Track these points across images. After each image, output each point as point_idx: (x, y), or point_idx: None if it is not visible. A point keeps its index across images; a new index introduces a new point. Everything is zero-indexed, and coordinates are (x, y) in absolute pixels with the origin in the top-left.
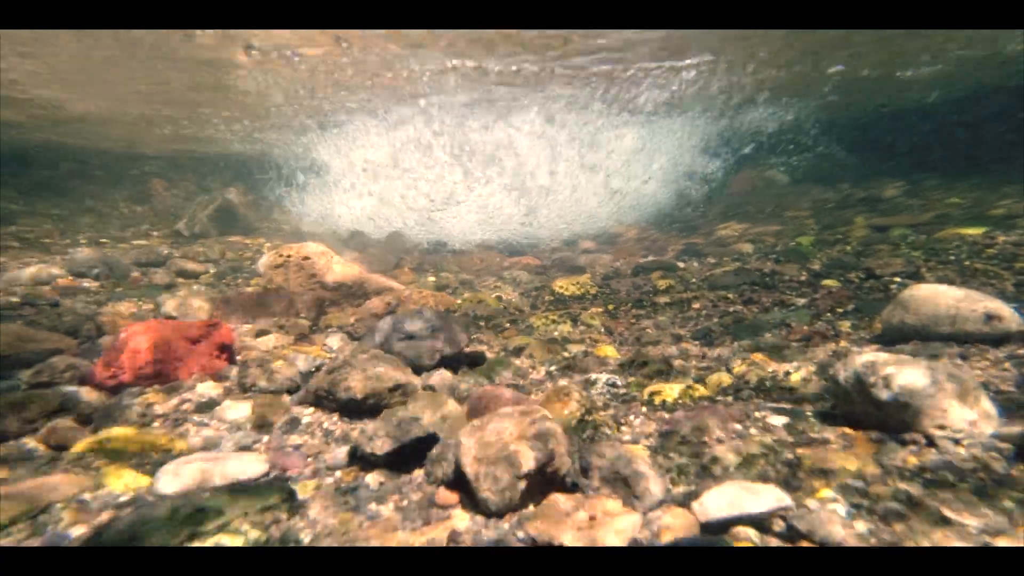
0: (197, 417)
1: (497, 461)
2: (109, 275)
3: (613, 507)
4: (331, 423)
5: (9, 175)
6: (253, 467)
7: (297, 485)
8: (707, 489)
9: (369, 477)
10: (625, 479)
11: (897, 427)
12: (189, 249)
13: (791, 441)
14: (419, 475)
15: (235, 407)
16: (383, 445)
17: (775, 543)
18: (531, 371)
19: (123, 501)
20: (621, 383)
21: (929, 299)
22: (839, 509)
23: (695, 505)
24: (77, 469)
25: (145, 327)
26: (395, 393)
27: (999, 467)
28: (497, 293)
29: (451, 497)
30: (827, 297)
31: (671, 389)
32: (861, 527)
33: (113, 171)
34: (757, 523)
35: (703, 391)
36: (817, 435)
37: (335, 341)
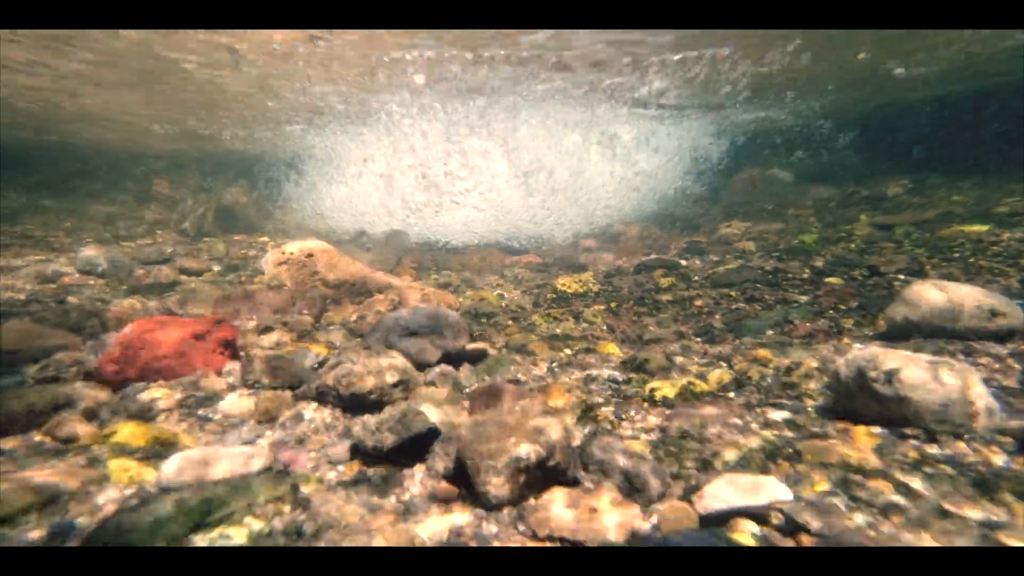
0: (201, 412)
1: (497, 455)
2: (114, 273)
3: (613, 500)
4: (334, 418)
5: (15, 174)
6: (256, 461)
7: (300, 478)
8: (707, 483)
9: (371, 471)
10: (625, 473)
11: (898, 421)
12: (193, 247)
13: (791, 436)
14: (420, 469)
15: (239, 402)
16: (385, 439)
17: (774, 535)
18: (533, 367)
19: (128, 493)
20: (622, 379)
21: (932, 296)
22: (838, 502)
23: (694, 498)
24: (83, 462)
25: (150, 323)
26: (397, 389)
27: (999, 461)
28: (499, 291)
29: (452, 490)
30: (830, 294)
31: (672, 385)
32: (860, 519)
33: (118, 170)
34: (756, 516)
35: (704, 387)
36: (818, 429)
37: (338, 338)
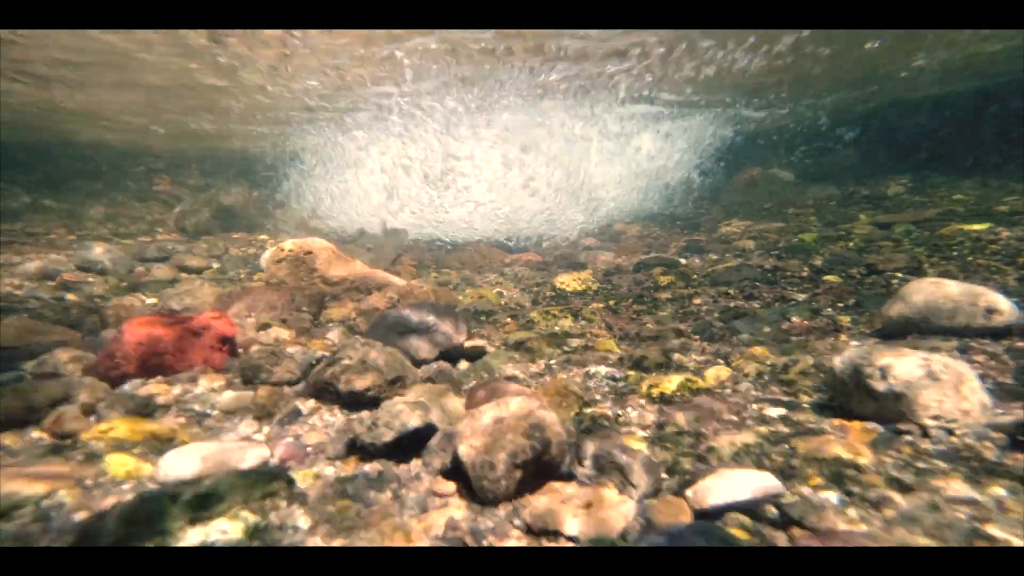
0: (199, 408)
1: (494, 450)
2: (114, 270)
3: (608, 495)
4: (331, 414)
5: (16, 172)
6: (253, 456)
7: (297, 474)
8: (702, 478)
9: (368, 467)
10: (621, 468)
11: (893, 417)
12: (193, 245)
13: (787, 431)
14: (417, 465)
15: (236, 398)
16: (382, 435)
17: (767, 529)
18: (531, 365)
19: (125, 488)
20: (620, 376)
21: (929, 293)
22: (832, 496)
23: (689, 493)
24: (80, 457)
25: (148, 320)
26: (395, 385)
27: (991, 456)
28: (498, 289)
29: (449, 486)
30: (828, 292)
31: (670, 382)
32: (853, 514)
33: (119, 168)
34: (750, 510)
35: (702, 384)
36: (813, 425)
37: (336, 335)
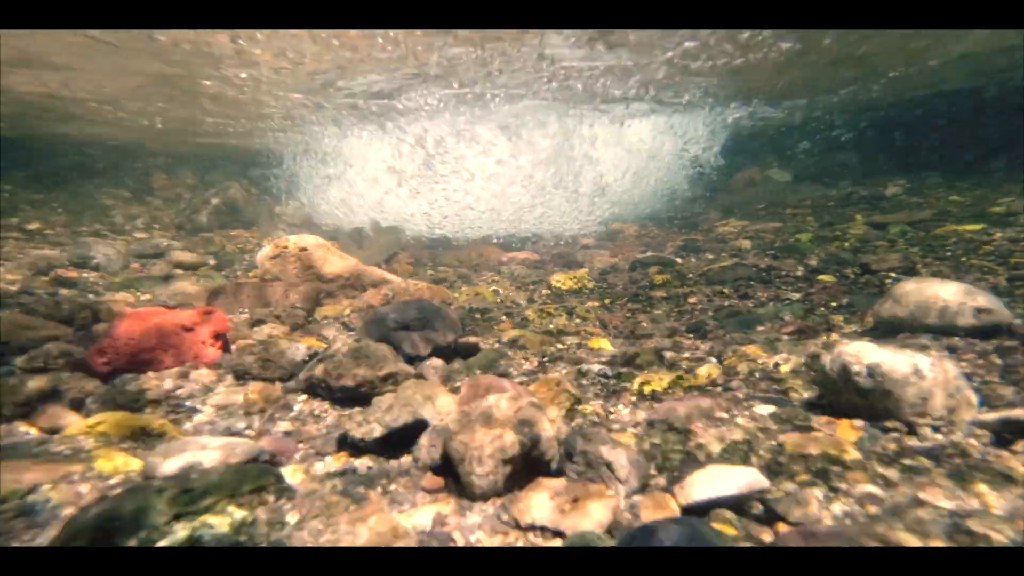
0: (190, 403)
1: (483, 446)
2: (108, 266)
3: (596, 491)
4: (323, 410)
5: (12, 167)
6: (243, 451)
7: (286, 469)
8: (689, 474)
9: (358, 462)
10: (609, 464)
11: (880, 415)
12: (190, 242)
13: (775, 428)
14: (407, 460)
15: (228, 394)
16: (372, 431)
17: (753, 525)
18: (524, 362)
19: (112, 483)
20: (612, 374)
21: (920, 293)
22: (817, 492)
23: (676, 489)
24: (68, 451)
25: (141, 314)
26: (387, 382)
27: (975, 453)
28: (494, 287)
29: (438, 481)
30: (822, 292)
31: (661, 380)
32: (837, 509)
33: (116, 164)
34: (736, 506)
35: (693, 381)
36: (802, 423)
37: (330, 331)
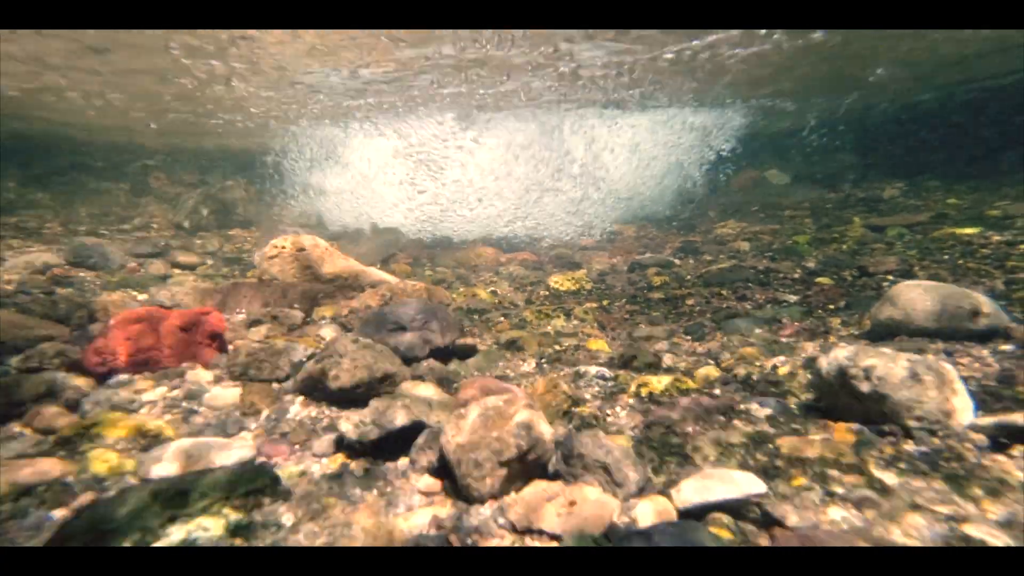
0: (186, 403)
1: (480, 448)
2: (106, 265)
3: (593, 494)
4: (319, 411)
5: (10, 165)
6: (239, 453)
7: (282, 471)
8: (686, 477)
9: (354, 464)
10: (606, 467)
11: (876, 419)
12: (188, 241)
13: (772, 432)
14: (404, 462)
15: (224, 394)
16: (369, 433)
17: (750, 529)
18: (521, 363)
19: (107, 484)
20: (610, 376)
21: (917, 295)
22: (813, 496)
23: (673, 492)
24: (62, 453)
25: (137, 314)
26: (384, 383)
27: (971, 457)
28: (492, 288)
29: (435, 484)
30: (819, 294)
31: (659, 382)
32: (834, 513)
33: (114, 163)
34: (733, 509)
35: (691, 384)
36: (799, 426)
37: (328, 332)
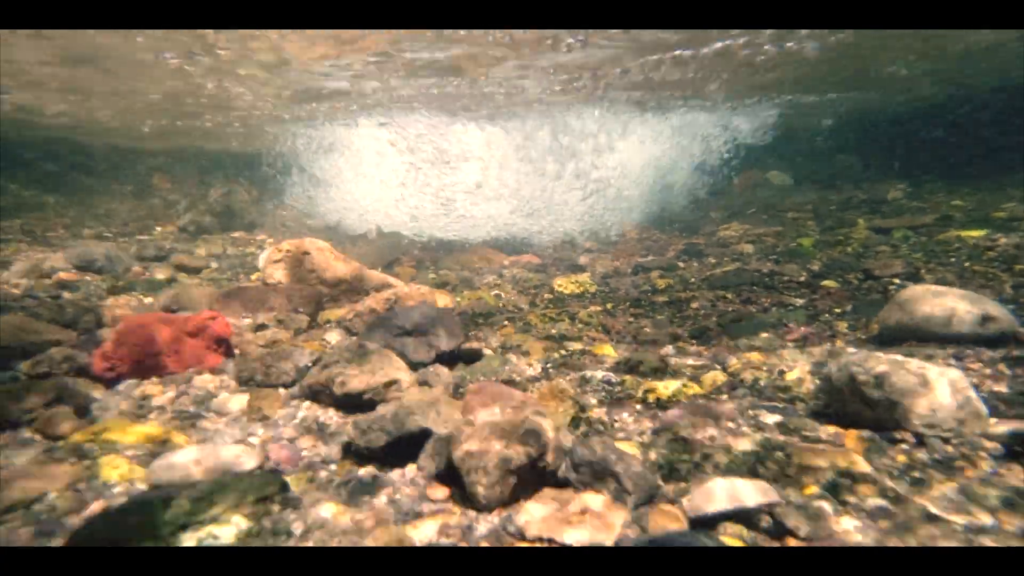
0: (193, 409)
1: (488, 455)
2: (111, 269)
3: (602, 502)
4: (326, 417)
5: (14, 169)
6: (247, 459)
7: (291, 477)
8: (697, 485)
9: (362, 471)
10: (616, 475)
11: (888, 425)
12: (192, 244)
13: (782, 439)
14: (412, 469)
15: (231, 400)
16: (377, 439)
17: (762, 539)
18: (527, 368)
19: (117, 491)
20: (616, 381)
21: (925, 300)
22: (826, 506)
23: (684, 501)
24: (72, 459)
25: (144, 320)
26: (390, 388)
27: (986, 465)
28: (496, 291)
29: (443, 491)
30: (825, 298)
31: (666, 387)
32: (848, 523)
33: (118, 166)
34: (745, 519)
35: (698, 389)
36: (809, 433)
37: (333, 336)
